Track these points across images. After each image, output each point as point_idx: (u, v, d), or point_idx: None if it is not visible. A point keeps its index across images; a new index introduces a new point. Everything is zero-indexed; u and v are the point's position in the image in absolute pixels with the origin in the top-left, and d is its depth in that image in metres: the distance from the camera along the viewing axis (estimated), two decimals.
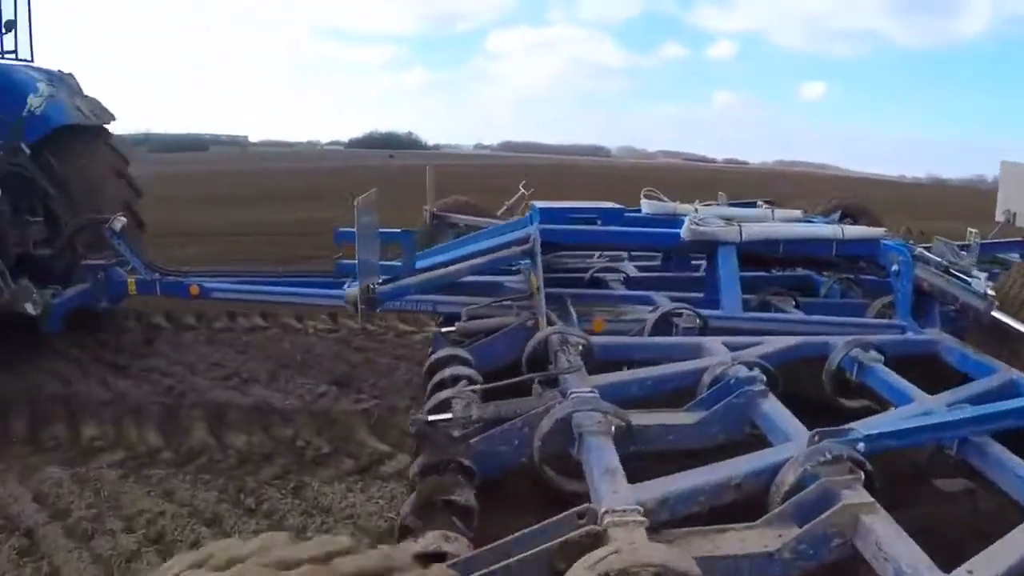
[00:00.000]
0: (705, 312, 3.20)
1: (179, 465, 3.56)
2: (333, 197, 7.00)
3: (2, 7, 5.22)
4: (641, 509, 1.54)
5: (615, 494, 1.63)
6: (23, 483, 3.34)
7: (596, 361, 2.74)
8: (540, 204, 4.09)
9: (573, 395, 2.22)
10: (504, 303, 3.38)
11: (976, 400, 2.24)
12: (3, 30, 5.21)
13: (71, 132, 5.16)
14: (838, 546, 1.52)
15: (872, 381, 2.53)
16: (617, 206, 4.09)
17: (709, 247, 3.49)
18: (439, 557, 1.65)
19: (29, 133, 4.82)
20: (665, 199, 4.27)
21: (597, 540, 1.47)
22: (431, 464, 2.22)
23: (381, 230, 3.99)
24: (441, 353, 3.01)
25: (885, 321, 3.23)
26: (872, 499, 1.58)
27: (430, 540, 1.68)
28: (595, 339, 2.84)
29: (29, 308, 4.08)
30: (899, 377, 2.46)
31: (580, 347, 2.71)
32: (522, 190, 7.24)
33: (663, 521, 1.63)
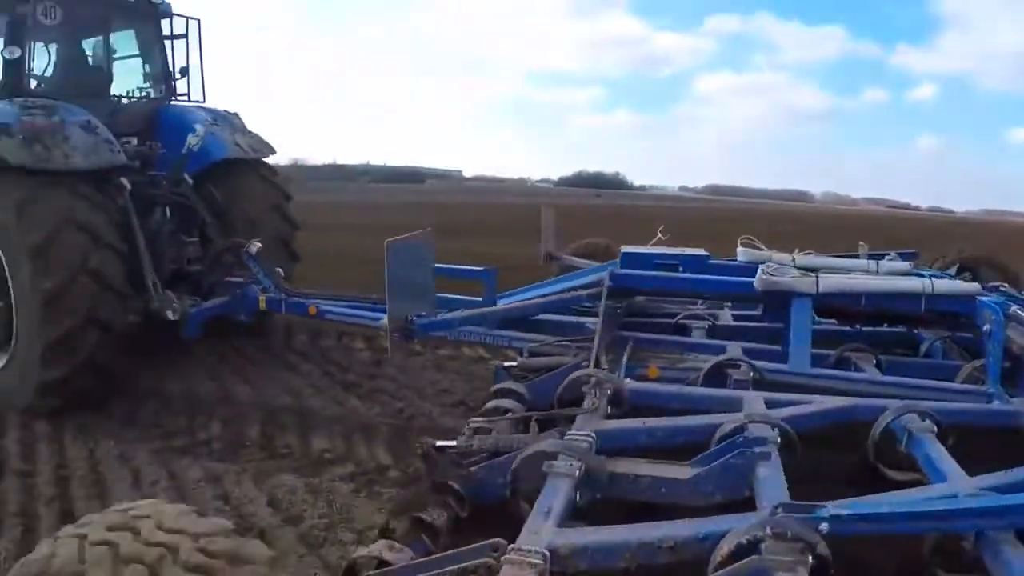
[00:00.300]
0: (769, 366, 3.05)
1: (408, 485, 3.70)
2: (529, 232, 7.26)
3: (175, 55, 6.10)
4: (547, 554, 1.54)
5: (534, 535, 1.63)
6: (258, 486, 3.65)
7: (627, 406, 2.70)
8: (627, 249, 4.08)
9: (567, 436, 2.23)
10: (563, 343, 3.44)
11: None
12: (178, 76, 6.07)
13: (231, 165, 5.85)
14: None
15: (917, 453, 2.27)
16: (702, 253, 3.98)
17: (783, 298, 3.29)
18: (384, 564, 1.76)
19: (191, 166, 5.56)
20: (763, 247, 4.09)
21: (489, 575, 1.49)
22: (432, 484, 2.34)
23: (469, 267, 4.19)
24: (497, 386, 3.14)
25: (968, 387, 2.87)
26: None
27: (375, 548, 1.79)
28: (631, 385, 2.80)
29: (170, 314, 4.73)
30: (943, 451, 2.18)
31: (609, 391, 2.69)
32: (660, 235, 7.22)
33: (581, 571, 1.60)
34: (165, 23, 6.01)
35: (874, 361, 3.22)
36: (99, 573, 1.40)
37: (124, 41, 6.01)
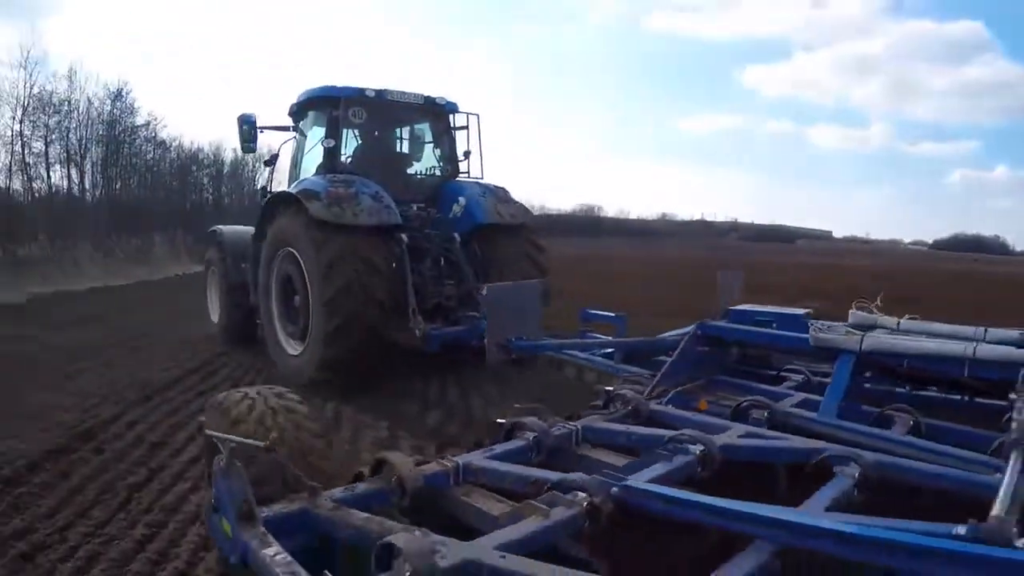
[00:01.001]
0: (798, 412, 3.50)
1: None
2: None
3: (457, 141, 8.01)
4: (459, 464, 2.61)
5: (467, 456, 2.71)
6: None
7: (644, 419, 3.49)
8: (735, 307, 4.67)
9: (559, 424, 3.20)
10: (645, 376, 4.26)
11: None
12: (462, 158, 7.98)
13: (491, 228, 7.41)
14: None
15: None
16: (799, 312, 4.36)
17: (832, 354, 3.68)
18: None
19: (460, 227, 7.31)
20: (875, 311, 4.33)
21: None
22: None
23: (604, 312, 5.17)
24: (594, 402, 4.12)
25: (980, 457, 2.92)
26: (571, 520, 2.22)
27: (396, 455, 2.97)
28: (653, 406, 3.58)
29: (416, 332, 6.42)
30: (838, 490, 2.55)
31: (629, 406, 3.53)
32: (878, 302, 7.18)
33: (482, 483, 2.60)
34: (455, 117, 8.03)
35: (911, 422, 3.43)
36: (249, 425, 2.74)
37: (421, 131, 8.16)
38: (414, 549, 1.86)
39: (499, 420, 3.50)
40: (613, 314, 5.26)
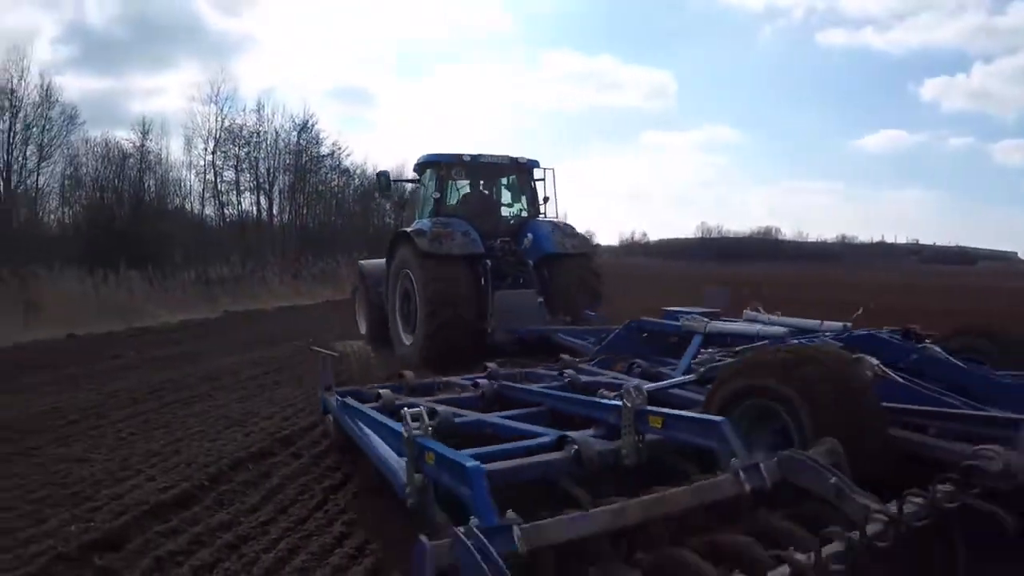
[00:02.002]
0: (660, 370, 5.69)
1: None
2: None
3: (537, 189, 10.53)
4: (443, 379, 5.30)
5: (459, 375, 5.38)
6: None
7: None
8: (667, 308, 6.82)
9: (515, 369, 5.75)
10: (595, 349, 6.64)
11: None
12: (542, 203, 10.46)
13: (557, 256, 9.60)
14: None
15: None
16: (702, 311, 6.45)
17: (690, 335, 5.85)
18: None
19: (532, 256, 9.71)
20: (761, 311, 6.37)
21: None
22: None
23: (592, 312, 7.60)
24: None
25: None
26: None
27: (408, 373, 5.72)
28: (579, 364, 5.96)
29: (489, 329, 8.96)
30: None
31: (564, 363, 5.97)
32: (860, 310, 8.76)
33: (452, 388, 5.27)
34: (535, 172, 10.62)
35: None
36: (336, 349, 5.63)
37: (508, 184, 10.77)
38: (385, 392, 4.60)
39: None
40: (594, 313, 7.67)
